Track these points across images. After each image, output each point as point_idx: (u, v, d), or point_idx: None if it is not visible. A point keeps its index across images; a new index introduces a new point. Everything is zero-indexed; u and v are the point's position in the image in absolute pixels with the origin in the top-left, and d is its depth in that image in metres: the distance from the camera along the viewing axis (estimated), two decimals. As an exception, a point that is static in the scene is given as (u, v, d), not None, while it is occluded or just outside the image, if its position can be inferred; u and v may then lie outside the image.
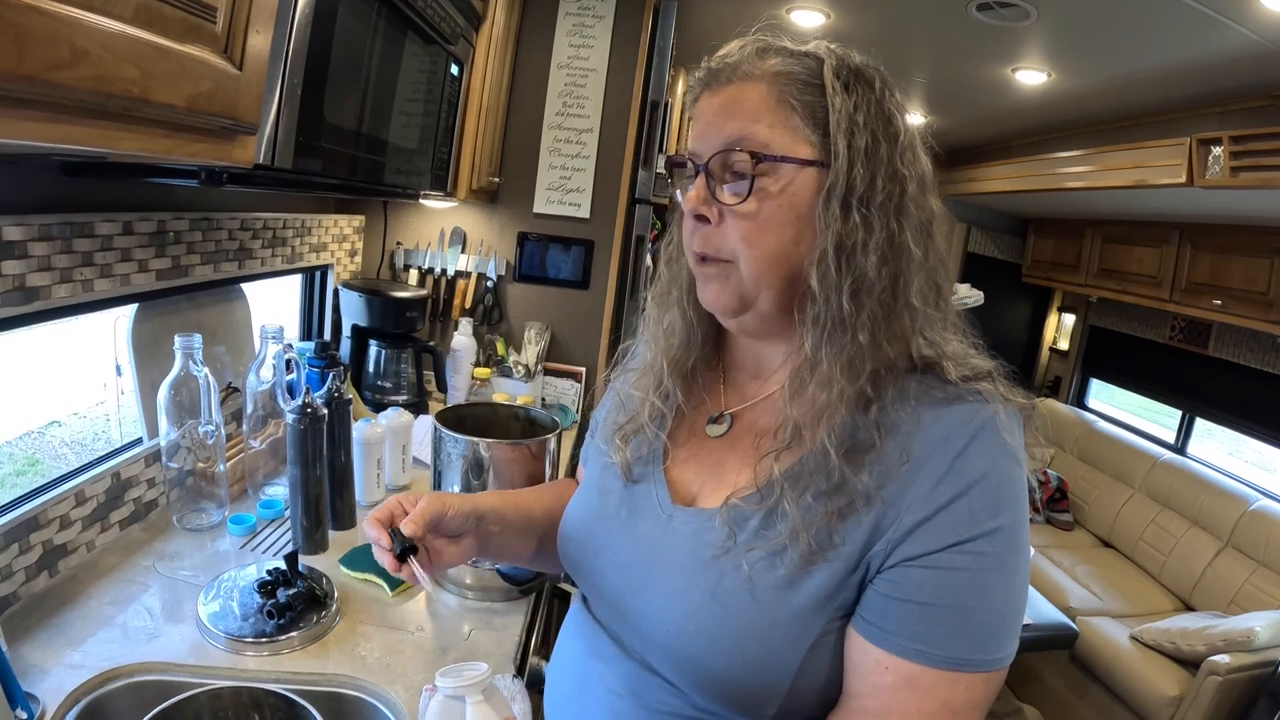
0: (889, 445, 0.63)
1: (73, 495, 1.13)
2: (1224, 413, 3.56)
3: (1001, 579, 0.61)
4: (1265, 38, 2.10)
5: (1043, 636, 2.24)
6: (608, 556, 0.76)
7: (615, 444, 0.81)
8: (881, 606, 0.62)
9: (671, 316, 0.81)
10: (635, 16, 2.20)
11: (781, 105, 0.66)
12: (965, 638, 0.60)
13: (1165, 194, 2.87)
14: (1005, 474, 0.62)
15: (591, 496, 0.83)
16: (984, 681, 0.60)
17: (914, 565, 0.61)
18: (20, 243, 0.99)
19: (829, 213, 0.65)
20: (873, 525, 0.62)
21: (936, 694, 0.60)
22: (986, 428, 0.63)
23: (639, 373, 0.84)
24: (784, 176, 0.66)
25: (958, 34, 2.53)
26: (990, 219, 4.83)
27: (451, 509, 0.81)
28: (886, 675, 0.61)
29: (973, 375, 0.66)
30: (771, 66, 0.67)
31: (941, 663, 0.59)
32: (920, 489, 0.61)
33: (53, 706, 0.86)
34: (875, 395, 0.65)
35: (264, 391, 1.42)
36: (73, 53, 0.54)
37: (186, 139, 0.74)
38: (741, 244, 0.67)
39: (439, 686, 0.73)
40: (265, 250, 1.67)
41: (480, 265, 2.34)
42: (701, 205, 0.68)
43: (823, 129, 0.65)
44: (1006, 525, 0.61)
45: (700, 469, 0.77)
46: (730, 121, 0.67)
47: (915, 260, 0.66)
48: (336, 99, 1.11)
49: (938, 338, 0.68)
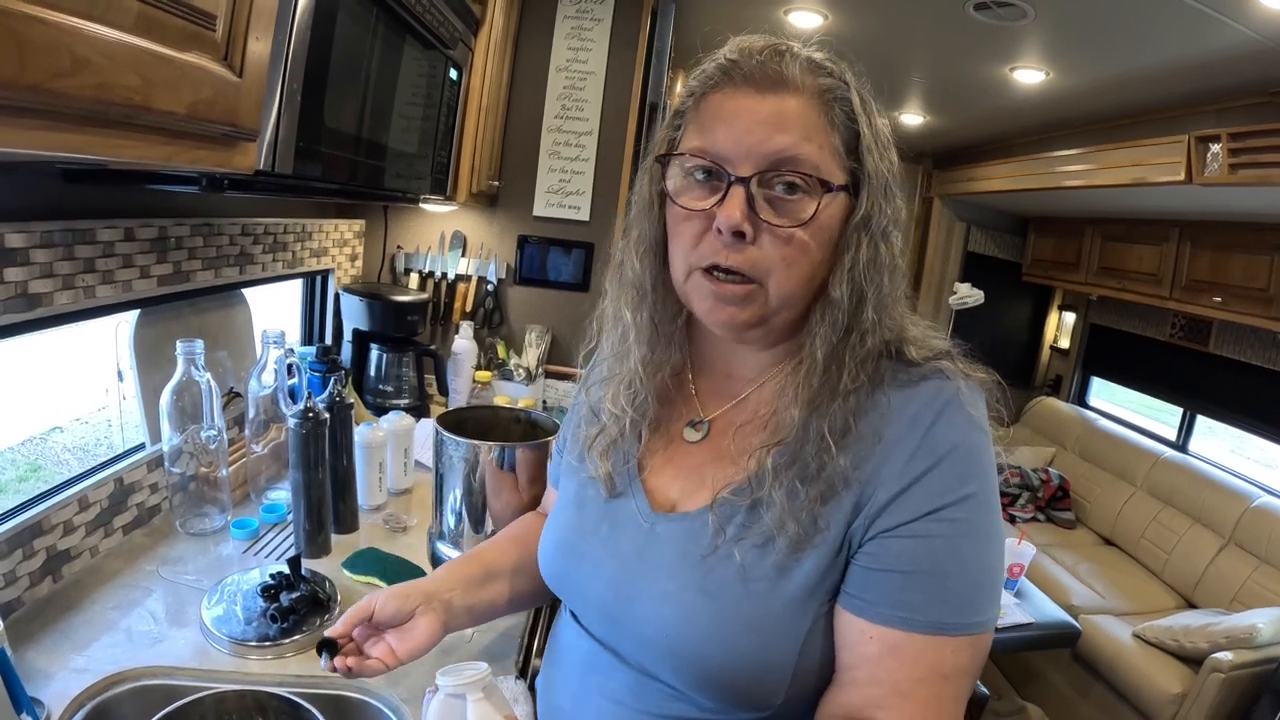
0: (862, 428, 0.66)
1: (76, 501, 1.14)
2: (1225, 410, 3.56)
3: (976, 544, 0.63)
4: (1263, 35, 2.10)
5: (1046, 635, 2.24)
6: (594, 571, 0.75)
7: (594, 459, 0.80)
8: (863, 579, 0.64)
9: (641, 320, 0.77)
10: (633, 18, 2.20)
11: (830, 126, 0.65)
12: (945, 603, 0.61)
13: (1164, 192, 2.87)
14: (973, 443, 0.64)
15: (569, 515, 0.82)
16: (969, 645, 0.62)
17: (891, 536, 0.63)
18: (22, 250, 0.99)
19: (857, 236, 0.67)
20: (852, 505, 0.64)
21: (923, 659, 0.61)
22: (951, 403, 0.65)
23: (609, 382, 0.81)
24: (821, 200, 0.65)
25: (955, 34, 2.53)
26: (990, 218, 4.83)
27: (379, 603, 0.78)
28: (872, 645, 0.62)
29: (933, 355, 0.69)
30: (819, 82, 0.65)
31: (924, 628, 0.61)
32: (894, 466, 0.63)
33: (58, 711, 0.87)
34: (852, 384, 0.67)
35: (266, 396, 1.43)
36: (74, 61, 0.54)
37: (187, 146, 0.74)
38: (780, 264, 0.65)
39: (439, 685, 0.73)
40: (266, 255, 1.68)
41: (480, 268, 2.34)
42: (743, 222, 0.64)
43: (855, 153, 0.67)
44: (977, 492, 0.63)
45: (678, 474, 0.76)
46: (779, 135, 0.63)
47: (901, 265, 0.69)
48: (336, 104, 1.11)
49: (901, 323, 0.71)
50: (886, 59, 2.94)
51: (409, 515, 1.51)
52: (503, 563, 0.91)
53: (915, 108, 3.72)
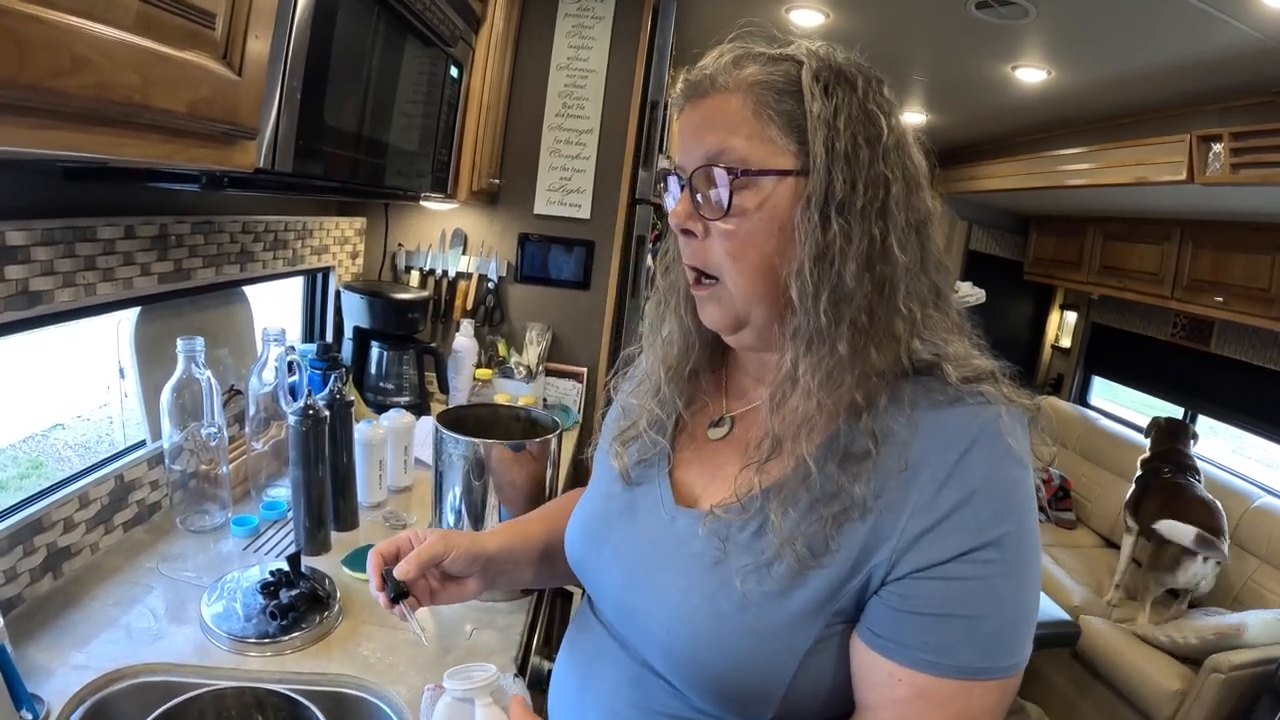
0: (885, 453, 0.62)
1: (76, 498, 1.14)
2: (1226, 409, 3.56)
3: (1011, 585, 0.59)
4: (1265, 34, 2.09)
5: (1046, 635, 2.24)
6: (612, 556, 0.77)
7: (614, 449, 0.82)
8: (891, 619, 0.60)
9: (670, 325, 0.81)
10: (634, 16, 2.20)
11: (759, 116, 0.65)
12: (977, 646, 0.58)
13: (1166, 191, 2.87)
14: (1009, 478, 0.61)
15: (597, 499, 0.84)
16: (999, 688, 0.60)
17: (922, 577, 0.59)
18: (23, 247, 1.00)
19: (808, 222, 0.63)
20: (870, 532, 0.61)
21: (951, 704, 0.59)
22: (988, 430, 0.61)
23: (639, 380, 0.85)
24: (764, 189, 0.65)
25: (957, 32, 2.52)
26: (992, 217, 4.82)
27: (454, 553, 0.82)
28: (900, 688, 0.60)
29: (974, 377, 0.65)
30: (748, 76, 0.66)
31: (955, 672, 0.58)
32: (921, 496, 0.60)
33: (57, 707, 0.87)
34: (866, 403, 0.64)
35: (266, 394, 1.43)
36: (73, 60, 0.54)
37: (187, 144, 0.74)
38: (726, 259, 0.67)
39: (447, 688, 0.72)
40: (267, 253, 1.68)
41: (481, 266, 2.34)
42: (687, 220, 0.68)
43: (801, 137, 0.64)
44: (1013, 531, 0.59)
45: (703, 470, 0.77)
46: (708, 134, 0.67)
47: (902, 264, 0.64)
48: (336, 102, 1.11)
49: (938, 339, 0.66)
50: (888, 57, 2.93)
51: (409, 513, 1.51)
52: (545, 544, 0.93)
53: (917, 106, 3.71)
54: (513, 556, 0.89)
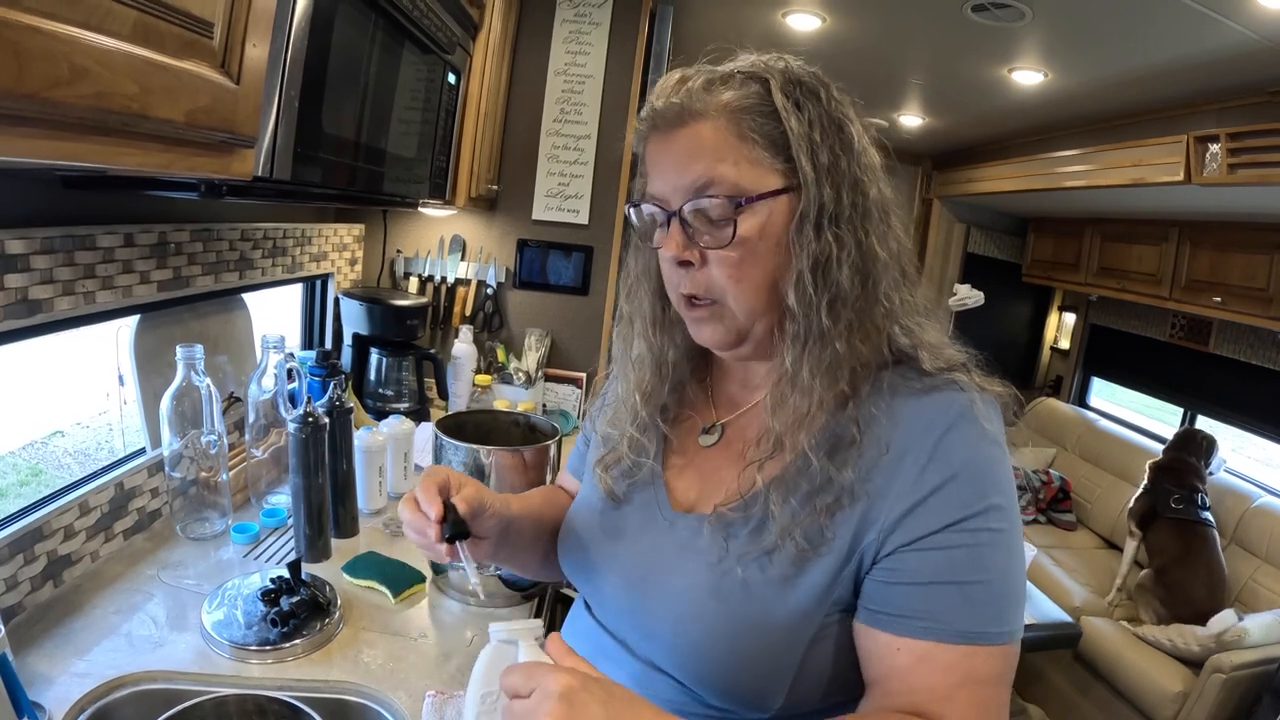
0: (868, 439, 0.65)
1: (77, 505, 1.14)
2: (1226, 409, 3.56)
3: (998, 555, 0.62)
4: (1262, 35, 2.10)
5: (1047, 636, 2.24)
6: (612, 562, 0.78)
7: (597, 473, 0.83)
8: (882, 593, 0.63)
9: (639, 349, 0.82)
10: (631, 22, 2.21)
11: (743, 140, 0.66)
12: (971, 612, 0.60)
13: (1164, 192, 2.87)
14: (989, 456, 0.64)
15: (594, 506, 0.84)
16: (1002, 654, 0.61)
17: (909, 550, 0.62)
18: (22, 256, 1.00)
19: (803, 236, 0.66)
20: (860, 518, 0.64)
21: (957, 668, 0.60)
22: (964, 415, 0.64)
23: (614, 408, 0.85)
24: (760, 212, 0.66)
25: (953, 35, 2.53)
26: (990, 219, 4.83)
27: (490, 509, 0.77)
28: (900, 656, 0.62)
29: (948, 366, 0.68)
30: (722, 100, 0.66)
31: (953, 637, 0.60)
32: (905, 478, 0.63)
33: (58, 715, 0.87)
34: (852, 393, 0.67)
35: (266, 401, 1.43)
36: (72, 70, 0.54)
37: (185, 153, 0.75)
38: (729, 282, 0.68)
39: (491, 634, 0.71)
40: (266, 260, 1.68)
41: (480, 272, 2.34)
42: (683, 253, 0.68)
43: (785, 154, 0.66)
44: (997, 504, 0.62)
45: (697, 476, 0.78)
46: (693, 164, 0.67)
47: (882, 260, 0.68)
48: (334, 110, 1.12)
49: (914, 325, 0.70)
50: (885, 60, 2.94)
51: (409, 519, 1.51)
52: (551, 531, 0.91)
53: (914, 109, 3.72)
54: (526, 527, 0.87)
